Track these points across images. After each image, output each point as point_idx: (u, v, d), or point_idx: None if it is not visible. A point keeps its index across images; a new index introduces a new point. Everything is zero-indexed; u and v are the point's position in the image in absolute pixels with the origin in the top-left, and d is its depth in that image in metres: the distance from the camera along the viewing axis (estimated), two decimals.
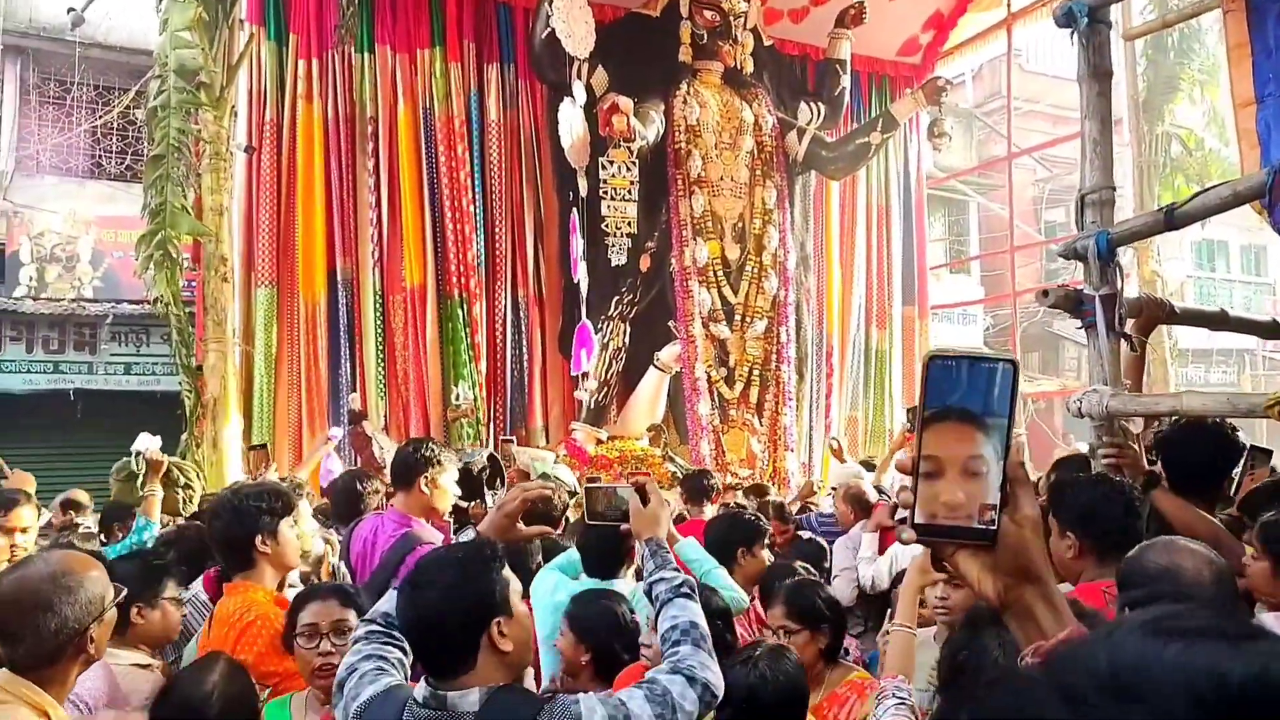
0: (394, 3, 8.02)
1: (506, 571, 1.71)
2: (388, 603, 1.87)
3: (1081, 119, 3.24)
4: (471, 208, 8.06)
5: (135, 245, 6.57)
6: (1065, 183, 15.51)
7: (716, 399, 7.96)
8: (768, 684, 1.92)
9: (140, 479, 5.00)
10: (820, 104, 8.99)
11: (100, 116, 9.55)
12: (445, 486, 3.20)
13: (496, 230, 8.19)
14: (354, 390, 7.56)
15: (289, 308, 7.67)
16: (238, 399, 7.11)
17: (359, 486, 4.15)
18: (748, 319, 8.14)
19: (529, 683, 2.29)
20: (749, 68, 8.43)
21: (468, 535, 3.49)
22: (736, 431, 7.98)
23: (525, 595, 2.26)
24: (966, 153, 14.48)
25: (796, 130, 8.76)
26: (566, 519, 4.48)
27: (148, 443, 4.74)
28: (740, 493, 6.22)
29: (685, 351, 7.87)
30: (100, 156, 9.83)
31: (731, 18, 8.04)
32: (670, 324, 7.99)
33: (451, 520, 4.02)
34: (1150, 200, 10.95)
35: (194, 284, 7.34)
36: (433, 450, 3.18)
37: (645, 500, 2.13)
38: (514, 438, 7.17)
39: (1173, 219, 2.84)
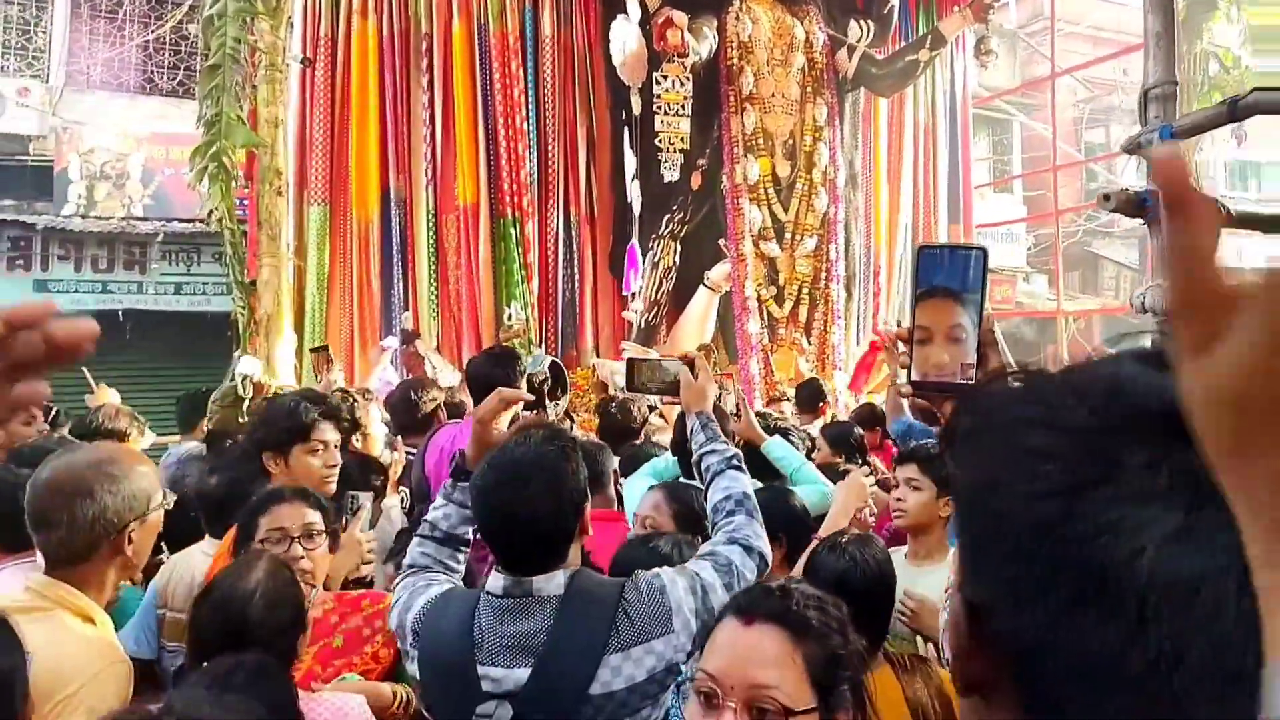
0: None
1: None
2: (438, 510, 1.88)
3: (1144, 12, 3.22)
4: (525, 125, 8.04)
5: (189, 158, 6.55)
6: (1105, 104, 15.29)
7: (766, 318, 8.03)
8: (857, 567, 1.94)
9: (246, 403, 5.05)
10: (870, 21, 8.88)
11: (153, 31, 9.46)
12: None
13: (549, 149, 8.18)
14: (406, 309, 7.63)
15: (342, 226, 7.70)
16: (291, 315, 7.21)
17: (413, 396, 4.25)
18: (798, 237, 8.16)
19: None
20: None
21: None
22: (785, 350, 8.05)
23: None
24: (1010, 72, 14.27)
25: (847, 47, 8.68)
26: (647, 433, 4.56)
27: (251, 366, 4.75)
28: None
29: (735, 270, 7.92)
30: (152, 72, 9.71)
31: None
32: (721, 242, 8.00)
33: None
34: None
35: (246, 201, 7.37)
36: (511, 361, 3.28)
37: (694, 376, 2.17)
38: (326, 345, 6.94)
39: (1236, 109, 2.85)
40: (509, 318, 7.85)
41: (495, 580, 1.62)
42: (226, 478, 2.68)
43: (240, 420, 4.84)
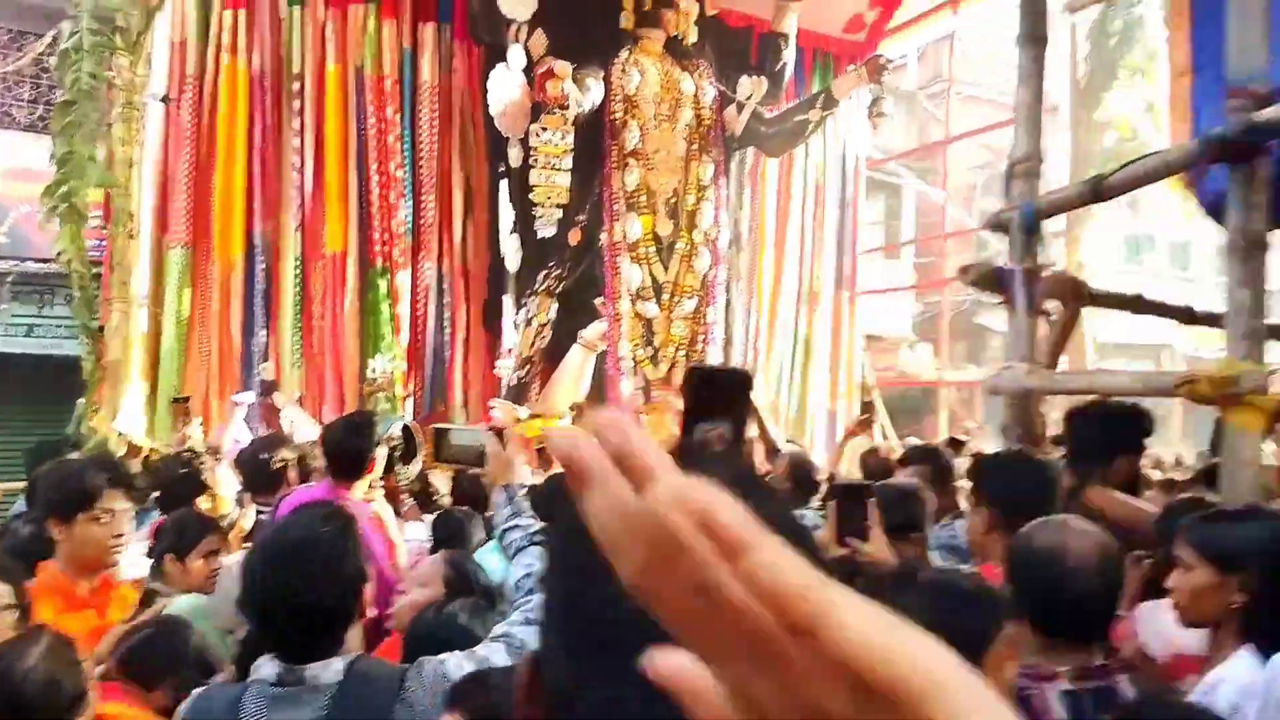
0: None
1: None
2: None
3: (1016, 85, 3.23)
4: (400, 173, 7.81)
5: (40, 196, 6.27)
6: (1003, 171, 15.59)
7: (640, 379, 7.83)
8: None
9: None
10: (762, 78, 8.81)
11: (11, 63, 9.06)
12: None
13: (424, 197, 7.96)
14: (267, 359, 7.30)
15: (203, 270, 7.37)
16: (141, 363, 6.85)
17: (263, 455, 4.17)
18: (676, 298, 8.00)
19: None
20: (692, 37, 8.22)
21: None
22: (659, 412, 7.87)
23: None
24: (906, 135, 14.46)
25: (736, 104, 8.59)
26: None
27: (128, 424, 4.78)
28: None
29: (611, 329, 7.73)
30: (10, 105, 9.35)
31: None
32: (598, 301, 7.81)
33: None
34: None
35: (105, 242, 7.02)
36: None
37: (502, 446, 2.09)
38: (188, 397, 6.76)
39: (1100, 190, 2.84)
40: (373, 370, 7.57)
41: (268, 666, 1.50)
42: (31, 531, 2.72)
43: None
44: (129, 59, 6.06)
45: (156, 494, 4.29)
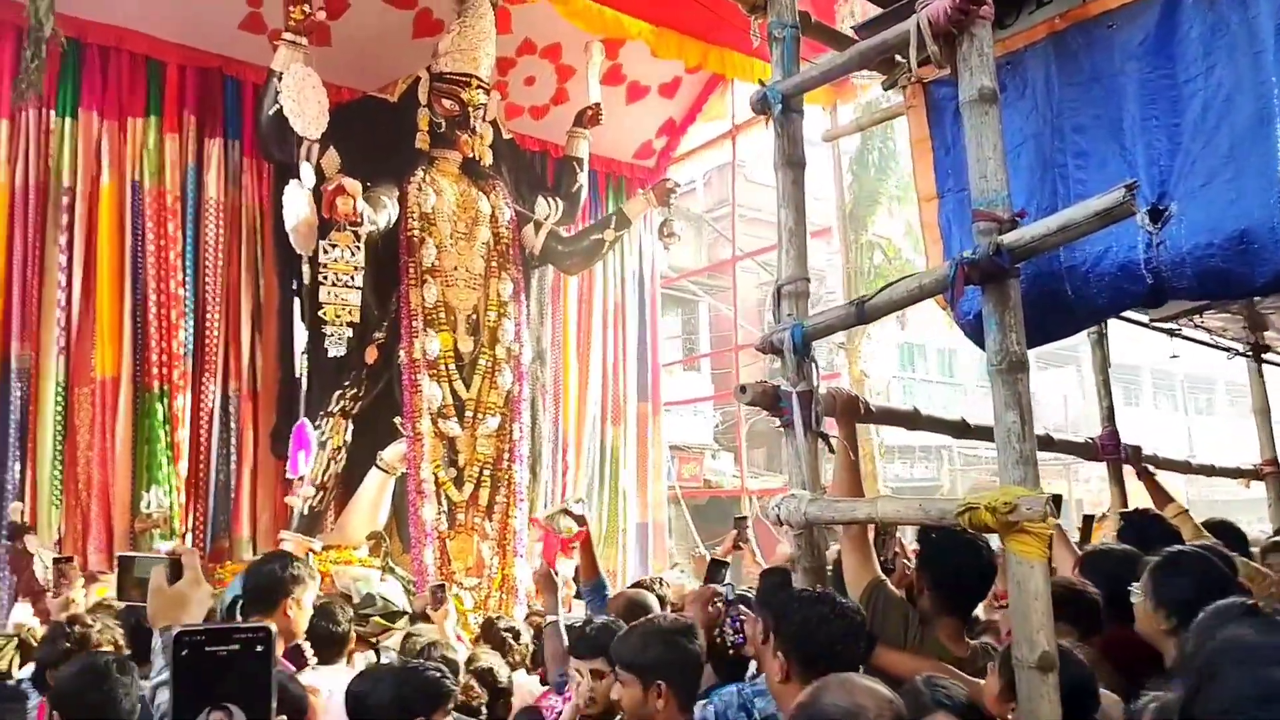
0: (106, 67, 7.29)
1: None
2: None
3: (777, 208, 3.26)
4: (180, 291, 7.35)
5: None
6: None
7: (444, 502, 7.53)
8: None
9: None
10: (558, 200, 8.96)
11: None
12: (308, 606, 2.99)
13: (208, 317, 7.50)
14: (20, 498, 6.56)
15: None
16: None
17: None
18: (480, 415, 7.81)
19: None
20: (488, 159, 8.26)
21: None
22: (465, 537, 7.58)
23: None
24: (698, 255, 15.03)
25: (534, 224, 8.67)
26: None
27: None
28: None
29: (411, 450, 7.43)
30: None
31: (471, 109, 7.84)
32: (396, 421, 7.53)
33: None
34: None
35: None
36: (298, 566, 2.96)
37: (176, 576, 1.70)
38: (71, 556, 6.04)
39: (864, 311, 2.87)
40: (148, 504, 6.95)
41: None
42: None
43: None
44: None
45: None
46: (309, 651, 3.60)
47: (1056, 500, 3.95)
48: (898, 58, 3.00)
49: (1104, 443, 5.07)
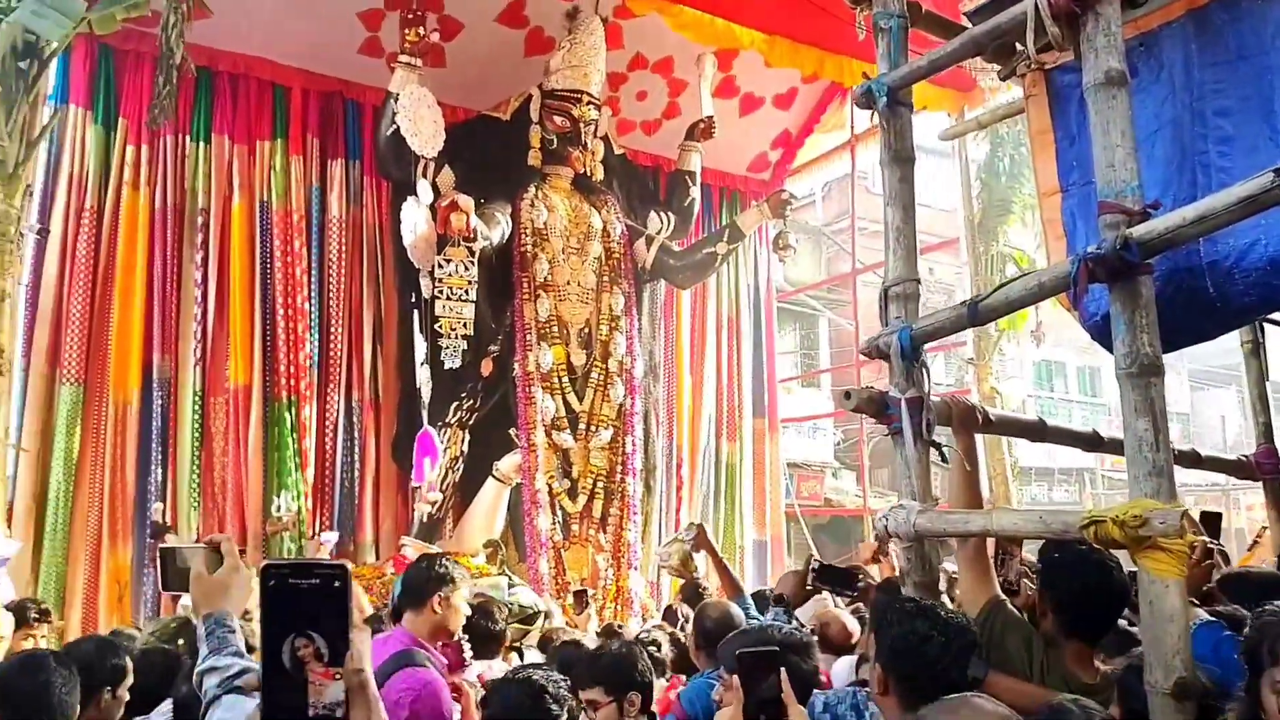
0: (235, 93, 7.71)
1: None
2: None
3: (884, 206, 3.11)
4: (306, 305, 7.67)
5: None
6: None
7: (559, 512, 7.61)
8: None
9: None
10: (670, 214, 8.98)
11: None
12: (459, 605, 3.13)
13: (333, 330, 7.80)
14: (161, 500, 6.92)
15: (96, 408, 6.99)
16: (28, 507, 6.49)
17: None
18: (593, 428, 7.88)
19: None
20: (599, 175, 8.37)
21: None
22: (579, 548, 7.63)
23: None
24: (817, 269, 14.83)
25: (645, 238, 8.71)
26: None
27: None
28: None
29: (526, 461, 7.53)
30: None
31: (582, 124, 7.98)
32: (511, 432, 7.65)
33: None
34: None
35: None
36: (446, 566, 3.13)
37: (217, 564, 1.68)
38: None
39: (976, 312, 2.70)
40: (277, 509, 7.24)
41: None
42: None
43: None
44: (2, 191, 5.82)
45: None
46: (467, 648, 3.72)
47: (1214, 519, 3.64)
48: (1016, 45, 2.80)
49: (1260, 460, 4.64)
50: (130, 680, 2.97)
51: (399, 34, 7.10)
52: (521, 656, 5.19)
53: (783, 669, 2.07)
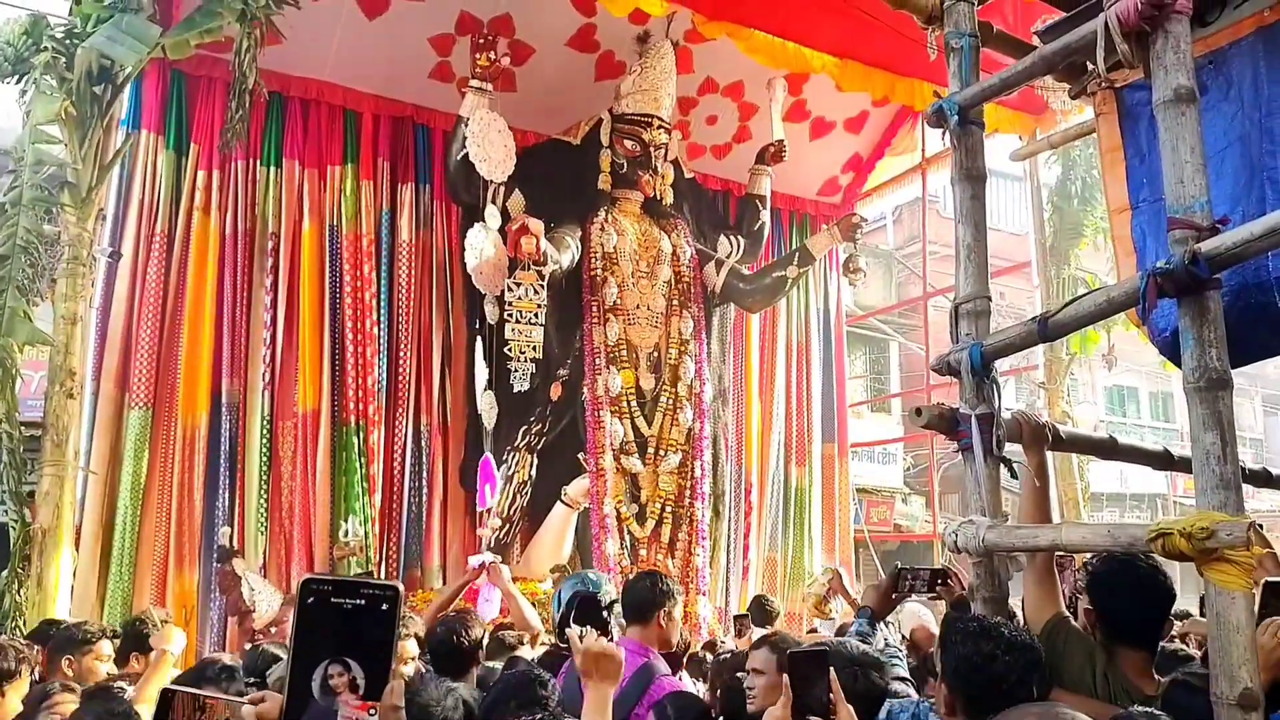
0: (306, 118, 7.78)
1: None
2: None
3: (955, 223, 3.07)
4: (375, 330, 7.67)
5: None
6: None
7: (626, 538, 7.48)
8: None
9: None
10: (740, 238, 8.88)
11: None
12: (678, 619, 3.37)
13: (401, 354, 7.80)
14: (229, 524, 6.93)
15: (165, 432, 7.01)
16: (95, 531, 6.52)
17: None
18: (661, 452, 7.75)
19: None
20: (669, 198, 8.29)
21: None
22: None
23: None
24: (887, 292, 14.61)
25: (715, 261, 8.60)
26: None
27: None
28: None
29: (594, 486, 7.43)
30: None
31: (652, 149, 7.92)
32: (580, 456, 7.56)
33: None
34: (1059, 342, 11.09)
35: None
36: (668, 584, 3.34)
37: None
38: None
39: (1046, 328, 2.66)
40: (345, 534, 7.21)
41: None
42: None
43: None
44: (76, 215, 5.88)
45: None
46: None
47: None
48: (1087, 64, 2.83)
49: None
50: None
51: (470, 59, 7.10)
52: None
53: (831, 670, 2.09)
